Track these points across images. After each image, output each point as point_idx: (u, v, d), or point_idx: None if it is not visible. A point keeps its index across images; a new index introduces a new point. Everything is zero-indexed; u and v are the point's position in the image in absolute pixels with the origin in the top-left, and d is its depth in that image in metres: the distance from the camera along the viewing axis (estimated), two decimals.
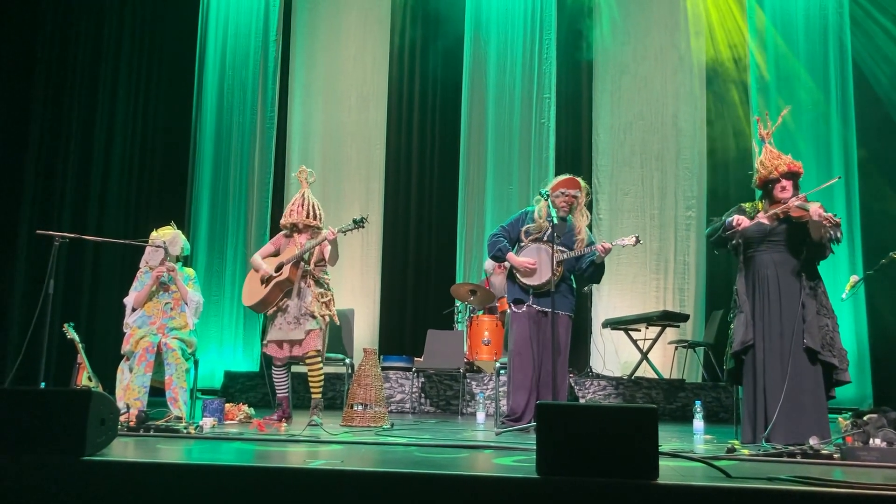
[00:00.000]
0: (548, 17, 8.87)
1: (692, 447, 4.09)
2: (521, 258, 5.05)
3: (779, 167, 4.36)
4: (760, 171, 4.46)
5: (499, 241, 5.16)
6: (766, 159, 4.44)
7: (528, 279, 5.03)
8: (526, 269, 5.00)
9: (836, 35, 8.17)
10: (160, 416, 4.61)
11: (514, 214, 5.40)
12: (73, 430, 2.81)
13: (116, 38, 8.28)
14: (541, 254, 5.03)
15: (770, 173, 4.39)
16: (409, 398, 7.02)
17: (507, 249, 5.14)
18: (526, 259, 5.03)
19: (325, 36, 9.22)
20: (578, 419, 2.68)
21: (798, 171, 4.40)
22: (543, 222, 5.06)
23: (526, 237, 5.12)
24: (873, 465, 3.41)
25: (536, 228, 5.10)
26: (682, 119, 8.59)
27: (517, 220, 5.25)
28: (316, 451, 3.51)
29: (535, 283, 5.00)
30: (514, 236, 5.19)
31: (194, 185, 8.74)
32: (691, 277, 8.29)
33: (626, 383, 7.01)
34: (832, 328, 4.23)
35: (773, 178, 4.38)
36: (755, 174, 4.51)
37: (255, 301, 5.18)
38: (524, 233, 5.14)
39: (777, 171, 4.36)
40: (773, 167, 4.38)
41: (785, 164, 4.37)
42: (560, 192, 5.04)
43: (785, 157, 4.41)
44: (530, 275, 5.01)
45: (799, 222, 4.28)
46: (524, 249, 5.10)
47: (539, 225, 5.09)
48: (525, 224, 5.16)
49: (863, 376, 7.41)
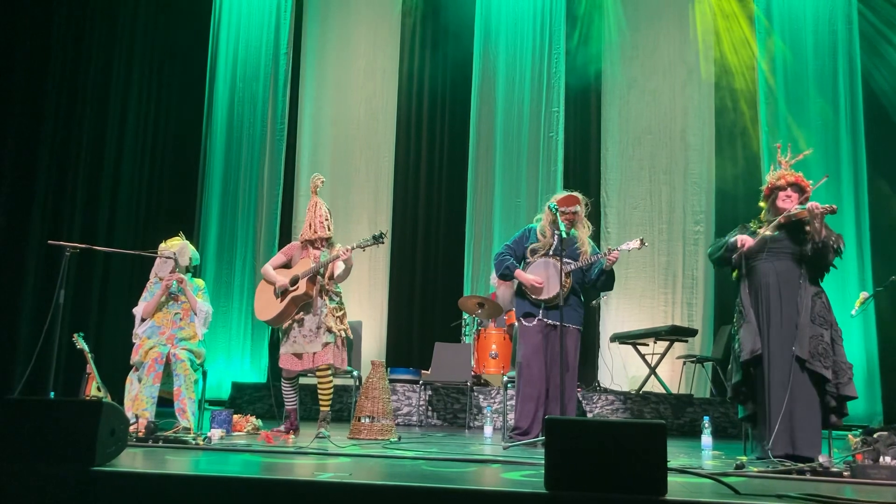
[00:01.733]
0: (557, 31, 8.91)
1: (700, 463, 4.07)
2: (529, 276, 5.08)
3: (786, 176, 4.48)
4: (769, 180, 4.57)
5: (505, 259, 5.21)
6: (777, 172, 4.54)
7: (537, 295, 5.06)
8: (534, 286, 5.04)
9: (845, 51, 8.17)
10: (168, 427, 4.62)
11: (518, 232, 5.46)
12: (84, 440, 2.83)
13: (128, 51, 8.36)
14: (548, 268, 5.06)
15: (777, 181, 4.50)
16: (416, 411, 7.01)
17: (515, 267, 5.17)
18: (534, 277, 5.06)
19: (334, 49, 9.28)
20: (587, 434, 2.68)
21: (805, 187, 4.45)
22: (548, 239, 5.13)
23: (532, 255, 5.17)
24: (884, 482, 3.39)
25: (542, 246, 5.16)
26: (691, 133, 8.59)
27: (521, 237, 5.31)
28: (324, 464, 3.52)
29: (545, 298, 5.04)
30: (520, 254, 5.25)
31: (204, 196, 8.79)
32: (699, 292, 8.27)
33: (634, 398, 6.99)
34: (829, 339, 4.21)
35: (780, 185, 4.47)
36: (764, 185, 4.61)
37: (271, 316, 5.13)
38: (530, 251, 5.19)
39: (784, 179, 4.47)
40: (781, 176, 4.50)
41: (794, 175, 4.48)
42: (560, 211, 5.08)
43: (797, 174, 4.49)
44: (538, 292, 5.05)
45: (800, 223, 4.33)
46: (531, 265, 5.15)
47: (544, 242, 5.15)
48: (530, 242, 5.22)
49: (872, 393, 7.36)
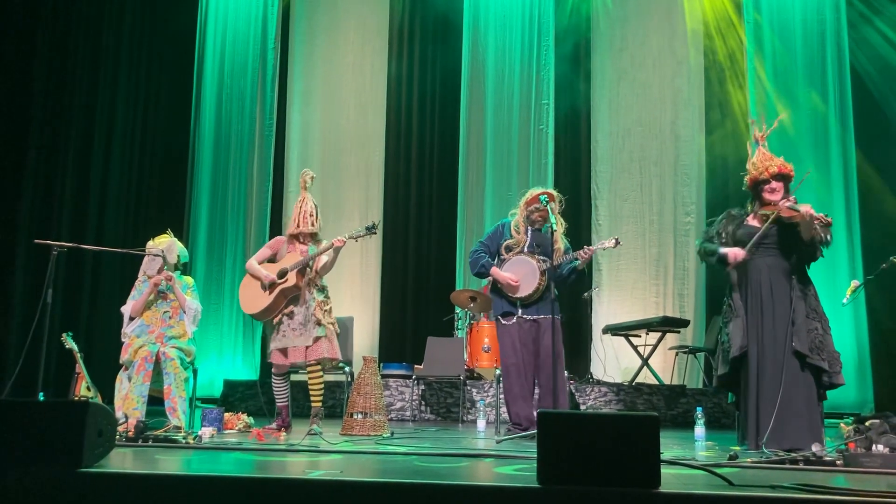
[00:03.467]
0: (546, 24, 8.88)
1: (694, 454, 4.07)
2: (505, 273, 5.06)
3: (769, 168, 4.37)
4: (751, 171, 4.46)
5: (480, 257, 5.20)
6: (758, 160, 4.44)
7: (513, 293, 5.05)
8: (509, 285, 5.02)
9: (833, 40, 8.18)
10: (159, 426, 4.59)
11: (491, 228, 5.44)
12: (71, 441, 2.79)
13: (115, 47, 8.30)
14: (524, 265, 5.06)
15: (760, 174, 4.40)
16: (409, 406, 7.00)
17: (491, 264, 5.16)
18: (509, 275, 5.05)
19: (323, 44, 9.23)
20: (579, 428, 2.67)
21: (789, 174, 4.39)
22: (521, 235, 5.13)
23: (507, 252, 5.15)
24: (876, 471, 3.39)
25: (516, 243, 5.15)
26: (681, 125, 8.59)
27: (495, 233, 5.29)
28: (316, 461, 3.50)
29: (521, 296, 5.03)
30: (494, 250, 5.23)
31: (193, 192, 8.73)
32: (691, 283, 8.28)
33: (626, 389, 6.99)
34: (822, 331, 4.22)
35: (763, 178, 4.38)
36: (746, 175, 4.51)
37: (258, 309, 5.10)
38: (504, 248, 5.17)
39: (767, 172, 4.37)
40: (764, 168, 4.39)
41: (776, 165, 4.37)
42: (534, 207, 5.07)
43: (777, 160, 4.40)
44: (514, 290, 5.04)
45: (790, 223, 4.27)
46: (507, 262, 5.12)
47: (518, 238, 5.14)
48: (504, 238, 5.20)
49: (863, 381, 7.40)
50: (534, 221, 5.13)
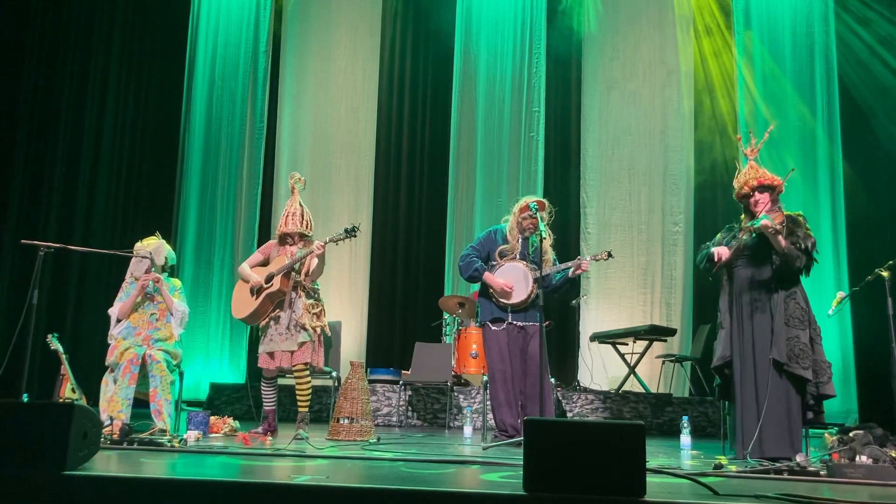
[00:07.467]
0: (537, 31, 8.92)
1: (679, 463, 4.09)
2: (500, 279, 5.07)
3: (748, 182, 4.44)
4: (735, 186, 4.56)
5: (473, 261, 5.18)
6: (742, 174, 4.51)
7: (507, 299, 5.05)
8: (503, 290, 5.03)
9: (822, 51, 8.26)
10: (144, 429, 4.56)
11: (482, 233, 5.44)
12: (55, 444, 2.77)
13: (105, 48, 8.27)
14: (517, 272, 5.07)
15: (741, 188, 4.48)
16: (396, 411, 6.98)
17: (484, 269, 5.16)
18: (504, 281, 5.05)
19: (315, 47, 9.22)
20: (566, 435, 2.67)
21: (770, 184, 4.42)
22: (514, 243, 5.14)
23: (500, 258, 5.16)
24: (860, 482, 3.41)
25: (510, 249, 5.16)
26: (670, 134, 8.64)
27: (487, 239, 5.29)
28: (301, 466, 3.48)
29: (515, 302, 5.04)
30: (484, 256, 5.23)
31: (182, 195, 8.69)
32: (678, 292, 8.31)
33: (613, 397, 7.01)
34: (806, 339, 4.23)
35: (745, 192, 4.47)
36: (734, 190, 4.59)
37: (245, 313, 5.10)
38: (498, 254, 5.18)
39: (747, 185, 4.44)
40: (744, 182, 4.46)
41: (755, 178, 4.42)
42: (527, 214, 5.08)
43: (760, 171, 4.45)
44: (508, 296, 5.04)
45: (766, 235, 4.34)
46: (499, 268, 5.13)
47: (511, 245, 5.16)
48: (497, 244, 5.21)
49: (848, 391, 7.44)
50: (525, 229, 5.14)
